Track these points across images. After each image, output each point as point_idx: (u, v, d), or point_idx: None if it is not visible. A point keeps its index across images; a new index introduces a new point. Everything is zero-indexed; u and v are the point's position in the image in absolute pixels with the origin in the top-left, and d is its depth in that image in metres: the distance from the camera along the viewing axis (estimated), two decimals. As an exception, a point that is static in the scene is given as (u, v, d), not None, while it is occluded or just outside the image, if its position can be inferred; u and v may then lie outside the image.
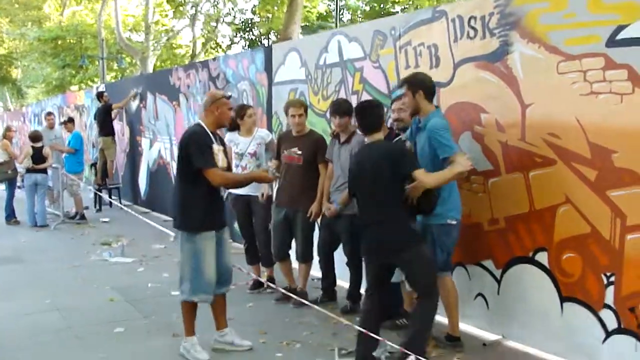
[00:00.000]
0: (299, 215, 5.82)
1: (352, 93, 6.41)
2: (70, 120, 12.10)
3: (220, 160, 4.56)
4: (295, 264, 6.25)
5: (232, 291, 5.14)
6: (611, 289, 4.13)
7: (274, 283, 6.28)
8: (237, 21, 29.24)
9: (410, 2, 20.61)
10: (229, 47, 29.89)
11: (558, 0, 4.34)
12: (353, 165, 4.49)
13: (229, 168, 4.80)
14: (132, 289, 6.59)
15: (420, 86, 4.56)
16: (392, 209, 4.25)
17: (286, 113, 6.08)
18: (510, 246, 4.79)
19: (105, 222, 11.03)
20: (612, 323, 4.13)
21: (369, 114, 4.45)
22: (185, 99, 10.34)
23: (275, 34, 29.65)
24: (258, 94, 8.25)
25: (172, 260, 7.90)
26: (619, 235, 4.07)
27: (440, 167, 4.40)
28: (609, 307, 4.15)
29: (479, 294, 5.04)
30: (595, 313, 4.23)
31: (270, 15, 26.48)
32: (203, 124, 4.63)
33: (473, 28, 4.97)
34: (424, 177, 4.22)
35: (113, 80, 26.70)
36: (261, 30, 30.84)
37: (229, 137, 6.44)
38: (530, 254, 4.63)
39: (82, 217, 10.93)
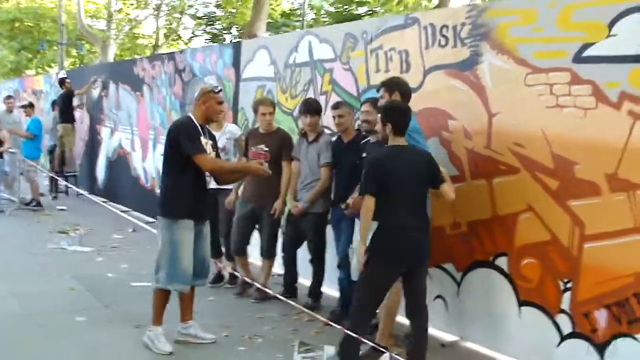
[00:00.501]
0: (265, 211, 5.85)
1: (321, 93, 6.46)
2: (31, 105, 11.84)
3: (209, 153, 4.57)
4: (255, 260, 6.27)
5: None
6: (568, 294, 4.28)
7: (235, 277, 6.29)
8: (199, 14, 28.95)
9: (379, 6, 20.66)
10: (190, 39, 29.58)
11: (528, 14, 4.45)
12: (390, 167, 4.14)
13: None
14: (91, 279, 6.51)
15: (397, 88, 4.63)
16: (425, 217, 4.30)
17: (255, 111, 6.09)
18: (472, 250, 4.91)
19: (62, 210, 10.83)
20: (567, 327, 4.28)
21: (405, 115, 4.30)
22: (150, 90, 10.23)
23: (238, 28, 29.50)
24: (225, 88, 8.21)
25: (130, 251, 7.88)
26: (577, 244, 4.21)
27: None
28: (564, 312, 4.29)
29: (438, 296, 5.14)
30: (551, 317, 4.36)
31: (234, 10, 26.28)
32: (192, 117, 4.62)
33: (444, 36, 5.07)
34: (450, 192, 4.31)
35: (73, 67, 26.19)
36: (223, 25, 30.63)
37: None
38: (491, 259, 4.75)
39: (38, 203, 10.72)
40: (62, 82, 12.28)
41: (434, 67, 5.17)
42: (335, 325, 4.48)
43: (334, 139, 5.69)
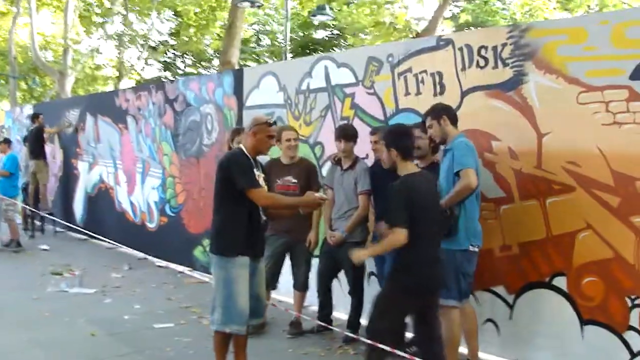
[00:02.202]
0: (299, 243, 5.74)
1: (341, 119, 6.42)
2: (7, 141, 11.41)
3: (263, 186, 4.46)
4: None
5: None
6: (636, 311, 4.30)
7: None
8: (151, 42, 28.59)
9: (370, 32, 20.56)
10: (143, 69, 29.18)
11: (577, 33, 4.52)
12: (420, 197, 4.12)
13: None
14: (108, 322, 6.25)
15: (443, 112, 4.65)
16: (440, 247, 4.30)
17: (277, 139, 5.98)
18: (524, 272, 4.90)
19: (45, 250, 10.42)
20: (637, 344, 4.28)
21: (408, 138, 4.33)
22: (135, 121, 10.01)
23: (192, 56, 29.28)
24: (225, 117, 8.12)
25: (136, 290, 7.65)
26: (644, 259, 4.24)
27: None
28: (634, 329, 4.30)
29: (488, 320, 5.11)
30: (619, 335, 4.37)
31: (187, 39, 26.03)
32: (243, 148, 4.50)
33: (483, 57, 5.10)
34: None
35: (26, 102, 25.45)
36: (176, 53, 30.37)
37: None
38: (547, 279, 4.75)
39: (18, 244, 10.31)
40: (34, 117, 11.92)
41: (473, 89, 5.19)
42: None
43: (370, 164, 5.63)
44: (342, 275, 5.80)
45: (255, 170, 4.45)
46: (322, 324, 5.59)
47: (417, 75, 5.65)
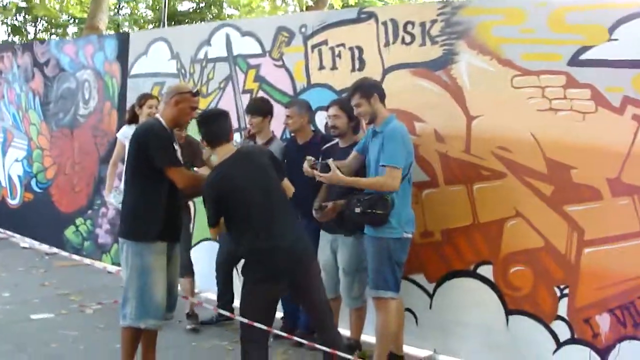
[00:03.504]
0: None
1: (244, 92, 5.82)
2: None
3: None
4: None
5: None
6: (565, 301, 4.13)
7: None
8: (-1, 4, 25.78)
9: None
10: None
11: (514, 14, 4.24)
12: (234, 184, 3.70)
13: None
14: (-25, 315, 5.29)
15: (374, 90, 4.20)
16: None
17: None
18: (447, 259, 4.62)
19: None
20: (564, 334, 4.13)
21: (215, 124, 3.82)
22: (-4, 85, 8.76)
23: (46, 21, 26.82)
24: (106, 86, 7.22)
25: (1, 274, 6.61)
26: (575, 249, 4.06)
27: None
28: (562, 318, 4.14)
29: (406, 309, 4.77)
30: (546, 325, 4.19)
31: (37, 1, 23.61)
32: (161, 119, 3.80)
33: (409, 33, 4.72)
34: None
35: None
36: (27, 16, 27.67)
37: (125, 130, 5.48)
38: (472, 268, 4.48)
39: None
40: None
41: (396, 66, 4.79)
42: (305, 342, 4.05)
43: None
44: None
45: (174, 145, 3.79)
46: (224, 312, 5.00)
47: (334, 49, 5.17)
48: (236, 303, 5.20)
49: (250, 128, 5.03)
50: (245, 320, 3.55)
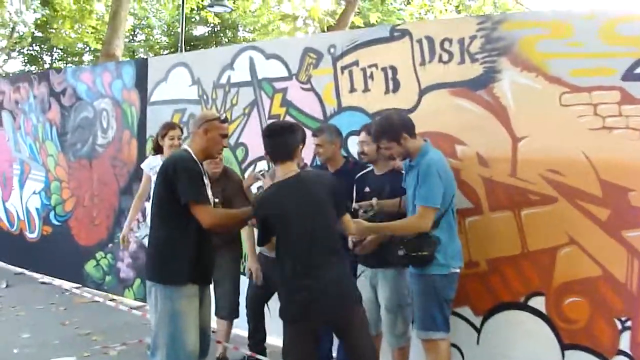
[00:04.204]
0: (227, 263, 4.94)
1: (270, 117, 5.66)
2: None
3: (210, 198, 3.63)
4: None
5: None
6: (627, 334, 3.89)
7: None
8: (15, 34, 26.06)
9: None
10: (5, 61, 26.61)
11: (560, 27, 4.05)
12: (284, 210, 3.58)
13: None
14: (-7, 359, 5.12)
15: (402, 130, 3.98)
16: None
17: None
18: (494, 291, 4.39)
19: None
20: (627, 370, 3.87)
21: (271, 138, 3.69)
22: (13, 117, 8.69)
23: (62, 49, 27.04)
24: (125, 114, 7.10)
25: (19, 314, 6.52)
26: (637, 277, 3.83)
27: None
28: (624, 353, 3.91)
29: (452, 345, 4.52)
30: (605, 360, 3.93)
31: (53, 30, 23.82)
32: (190, 150, 3.63)
33: (447, 51, 4.54)
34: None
35: None
36: (42, 46, 27.94)
37: (149, 161, 5.34)
38: (522, 299, 4.25)
39: None
40: None
41: (434, 86, 4.61)
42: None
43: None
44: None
45: (205, 179, 3.62)
46: (255, 355, 4.81)
47: (366, 70, 5.01)
48: (269, 341, 5.02)
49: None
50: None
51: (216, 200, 3.94)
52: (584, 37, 3.97)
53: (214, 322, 4.69)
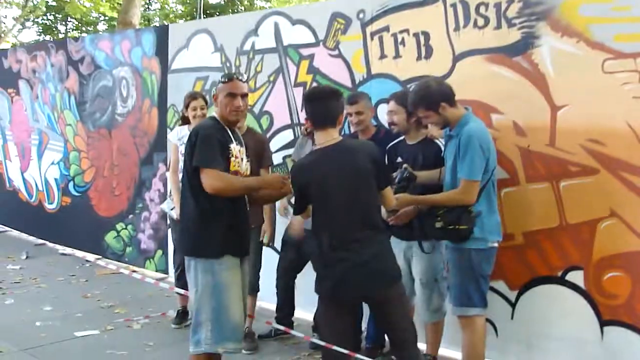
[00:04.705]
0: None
1: (296, 85, 5.57)
2: None
3: (243, 166, 3.53)
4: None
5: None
6: (669, 310, 3.79)
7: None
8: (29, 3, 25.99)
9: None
10: (20, 31, 26.61)
11: (605, -10, 3.89)
12: (318, 180, 3.47)
13: None
14: (16, 332, 5.15)
15: (441, 99, 3.85)
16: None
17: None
18: (530, 265, 4.31)
19: None
20: (671, 347, 3.78)
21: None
22: (30, 86, 8.66)
23: (77, 20, 26.96)
24: (145, 82, 7.05)
25: (41, 285, 6.53)
26: (683, 252, 3.72)
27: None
28: (665, 330, 3.79)
29: (486, 320, 4.46)
30: (646, 337, 3.86)
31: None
32: (217, 117, 3.58)
33: (483, 16, 4.40)
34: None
35: None
36: (57, 15, 27.88)
37: (176, 132, 5.28)
38: (559, 274, 4.17)
39: None
40: None
41: (468, 53, 4.49)
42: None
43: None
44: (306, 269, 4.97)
45: (233, 145, 3.52)
46: (282, 327, 4.78)
47: (396, 36, 4.89)
48: (297, 315, 5.00)
49: (308, 125, 4.76)
50: (322, 343, 3.29)
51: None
52: (629, 0, 3.82)
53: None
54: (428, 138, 4.27)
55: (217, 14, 23.97)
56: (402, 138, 4.40)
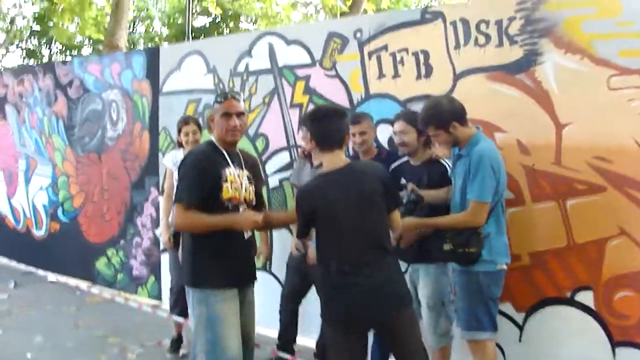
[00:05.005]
0: None
1: (292, 106, 5.51)
2: None
3: (242, 190, 3.42)
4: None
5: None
6: (684, 331, 3.73)
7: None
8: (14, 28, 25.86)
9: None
10: (4, 55, 26.48)
11: (608, 6, 3.88)
12: (325, 205, 3.34)
13: (258, 205, 3.65)
14: (11, 365, 4.99)
15: (452, 119, 3.79)
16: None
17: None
18: (537, 286, 4.25)
19: None
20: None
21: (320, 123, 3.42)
22: (17, 110, 8.55)
23: (60, 44, 26.82)
24: (136, 105, 6.95)
25: (30, 315, 6.38)
26: (696, 271, 3.68)
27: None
28: (682, 351, 3.74)
29: (492, 343, 4.39)
30: (661, 359, 3.79)
31: (52, 23, 23.58)
32: (214, 140, 3.50)
33: (484, 34, 4.38)
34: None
35: None
36: (40, 40, 27.72)
37: (171, 155, 5.21)
38: (568, 294, 4.11)
39: None
40: None
41: (469, 71, 4.45)
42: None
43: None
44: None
45: (229, 169, 3.41)
46: (287, 356, 4.68)
47: (395, 54, 4.85)
48: (299, 342, 4.90)
49: (306, 147, 4.70)
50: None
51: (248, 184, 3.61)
52: (635, 15, 3.81)
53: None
54: (433, 158, 4.21)
55: (202, 37, 23.91)
56: (406, 159, 4.33)
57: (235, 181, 3.41)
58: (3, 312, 6.49)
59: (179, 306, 5.10)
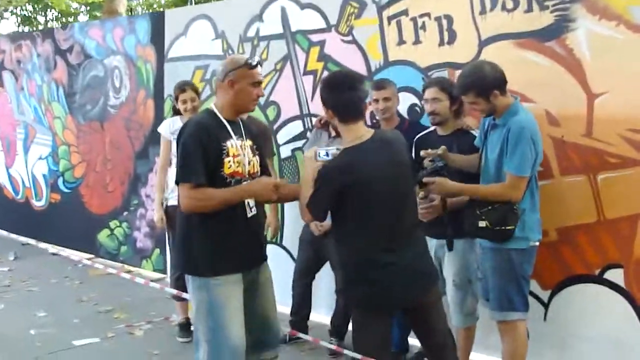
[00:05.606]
0: None
1: (305, 73, 5.36)
2: None
3: (246, 163, 3.22)
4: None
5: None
6: None
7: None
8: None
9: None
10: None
11: (645, -33, 3.71)
12: (363, 179, 3.06)
13: (263, 174, 3.37)
14: (11, 342, 4.91)
15: (494, 87, 3.60)
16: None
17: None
18: (565, 263, 4.14)
19: None
20: None
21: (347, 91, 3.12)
22: (14, 77, 8.37)
23: (56, 10, 26.43)
24: (140, 72, 6.80)
25: (32, 289, 6.31)
26: None
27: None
28: None
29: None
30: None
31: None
32: (214, 109, 3.22)
33: (512, -2, 4.21)
34: None
35: None
36: (35, 6, 27.31)
37: (167, 124, 5.04)
38: (597, 272, 4.01)
39: None
40: None
41: (495, 37, 4.30)
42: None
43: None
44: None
45: (231, 141, 3.15)
46: (297, 334, 4.58)
47: (416, 20, 4.70)
48: (312, 318, 4.82)
49: (323, 116, 4.55)
50: (359, 356, 3.06)
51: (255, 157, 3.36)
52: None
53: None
54: (463, 129, 4.07)
55: (204, 0, 23.54)
56: (432, 129, 4.19)
57: (239, 153, 3.16)
58: (4, 286, 6.40)
59: (182, 282, 4.98)
